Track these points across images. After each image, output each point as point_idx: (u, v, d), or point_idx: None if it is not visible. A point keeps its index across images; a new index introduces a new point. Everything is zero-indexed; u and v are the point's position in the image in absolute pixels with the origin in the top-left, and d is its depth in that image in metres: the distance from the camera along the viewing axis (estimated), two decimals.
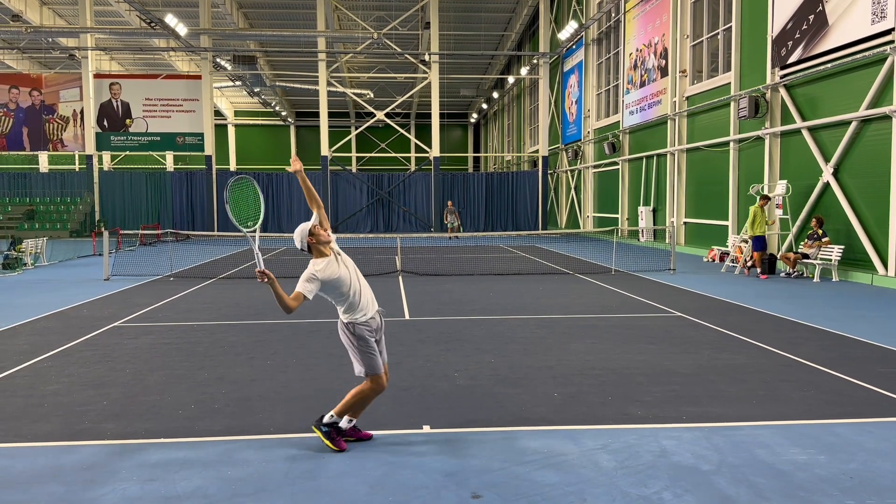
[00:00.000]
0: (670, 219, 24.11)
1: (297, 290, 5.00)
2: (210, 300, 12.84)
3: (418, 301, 12.61)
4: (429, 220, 36.68)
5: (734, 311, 11.35)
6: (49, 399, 6.47)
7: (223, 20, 37.69)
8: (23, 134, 35.36)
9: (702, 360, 7.89)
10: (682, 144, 23.44)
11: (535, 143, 41.89)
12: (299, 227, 5.18)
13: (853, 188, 15.30)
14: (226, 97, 57.79)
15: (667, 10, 24.01)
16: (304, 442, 5.32)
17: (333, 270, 5.11)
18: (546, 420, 5.82)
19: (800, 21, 16.65)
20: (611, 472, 4.71)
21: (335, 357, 8.10)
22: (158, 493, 4.41)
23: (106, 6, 35.36)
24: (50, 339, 9.26)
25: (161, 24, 28.52)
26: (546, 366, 7.67)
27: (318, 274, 5.05)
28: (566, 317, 10.89)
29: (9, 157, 45.01)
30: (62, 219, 34.55)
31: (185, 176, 36.72)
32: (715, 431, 5.51)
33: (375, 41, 32.77)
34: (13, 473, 4.73)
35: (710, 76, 22.19)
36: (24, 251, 18.70)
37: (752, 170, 19.27)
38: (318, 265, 5.07)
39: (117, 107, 35.29)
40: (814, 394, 6.55)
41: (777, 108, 18.09)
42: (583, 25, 30.88)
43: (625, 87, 28.28)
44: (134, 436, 5.47)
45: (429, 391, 6.70)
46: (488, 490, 4.43)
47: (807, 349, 8.42)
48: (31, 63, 44.34)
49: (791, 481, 4.55)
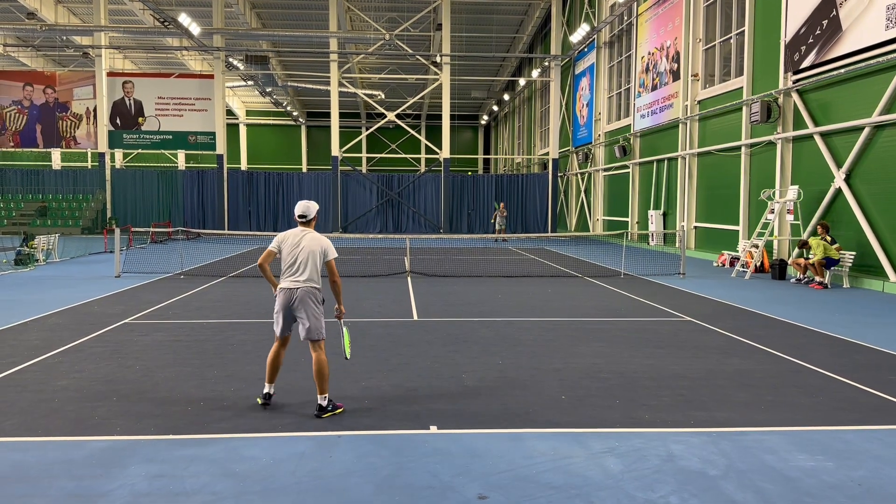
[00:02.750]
0: (680, 223, 24.04)
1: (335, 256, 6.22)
2: (220, 298, 12.90)
3: (427, 302, 12.63)
4: (438, 221, 36.70)
5: (744, 315, 11.31)
6: (60, 394, 6.53)
7: (236, 20, 37.86)
8: (36, 131, 35.64)
9: (710, 365, 7.87)
10: (694, 148, 23.36)
11: (545, 146, 41.85)
12: (315, 203, 6.33)
13: (865, 195, 15.21)
14: (238, 97, 58.02)
15: (679, 14, 23.95)
16: (312, 440, 5.34)
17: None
18: (553, 422, 5.82)
19: (813, 26, 16.58)
20: (617, 475, 4.70)
21: (343, 357, 8.11)
22: (167, 489, 4.44)
23: (120, 5, 35.60)
24: (61, 334, 9.33)
25: (174, 24, 28.67)
26: (554, 368, 7.67)
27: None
28: (574, 320, 10.88)
29: (22, 154, 45.37)
30: (74, 216, 34.78)
31: (196, 174, 36.91)
32: (723, 436, 5.49)
33: (387, 42, 32.82)
34: (24, 467, 4.78)
35: (722, 80, 22.12)
36: (36, 247, 18.84)
37: (763, 175, 19.19)
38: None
39: (130, 105, 35.51)
40: (823, 400, 6.53)
41: (789, 112, 18.01)
42: (595, 28, 30.83)
43: (636, 91, 28.22)
44: (143, 432, 5.51)
45: (436, 392, 6.71)
46: (494, 491, 4.43)
47: (816, 355, 8.38)
48: (46, 61, 44.69)
49: (798, 487, 4.53)
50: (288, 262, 6.12)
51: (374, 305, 12.15)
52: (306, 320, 6.05)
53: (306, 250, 6.08)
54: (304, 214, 6.21)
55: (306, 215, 6.22)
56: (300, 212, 6.21)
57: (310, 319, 6.05)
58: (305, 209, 6.21)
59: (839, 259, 15.11)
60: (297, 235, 6.17)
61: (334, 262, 6.20)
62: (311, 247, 6.10)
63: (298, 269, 6.09)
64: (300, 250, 6.09)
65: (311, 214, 6.24)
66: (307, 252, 6.08)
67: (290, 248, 6.13)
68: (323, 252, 6.11)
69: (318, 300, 6.12)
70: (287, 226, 36.43)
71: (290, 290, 6.07)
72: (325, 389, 6.01)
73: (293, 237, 6.17)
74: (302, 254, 6.08)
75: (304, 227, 6.23)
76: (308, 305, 6.04)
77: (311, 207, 6.25)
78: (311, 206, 6.25)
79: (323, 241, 6.15)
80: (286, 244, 6.16)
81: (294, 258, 6.09)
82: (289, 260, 6.12)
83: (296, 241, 6.14)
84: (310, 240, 6.13)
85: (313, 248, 6.09)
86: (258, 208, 36.91)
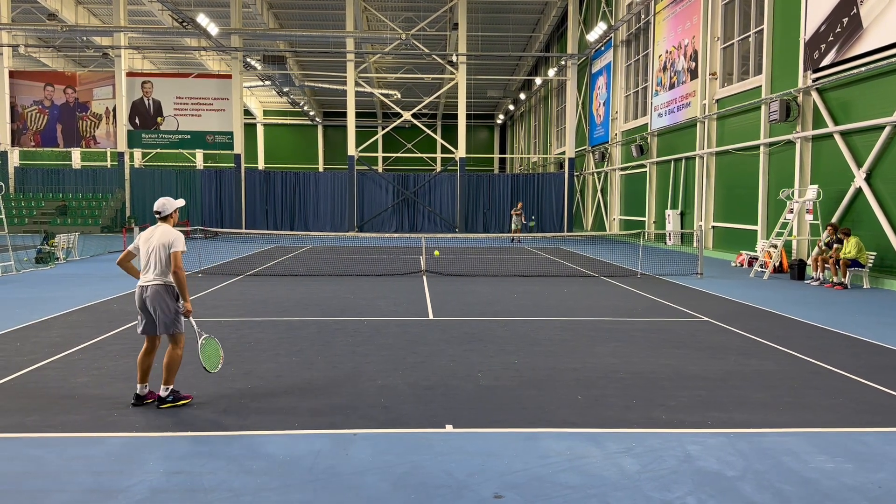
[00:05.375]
0: (698, 222, 23.88)
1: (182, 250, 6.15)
2: (237, 297, 12.98)
3: (442, 301, 12.64)
4: (453, 220, 36.70)
5: (762, 316, 11.21)
6: (79, 391, 6.60)
7: (254, 20, 38.07)
8: (57, 131, 36.04)
9: (728, 366, 7.81)
10: (712, 147, 23.19)
11: (561, 145, 41.70)
12: (174, 200, 6.34)
13: (886, 194, 15.02)
14: (255, 97, 58.36)
15: (697, 12, 23.78)
16: (328, 438, 5.36)
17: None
18: (569, 422, 5.81)
19: (833, 24, 16.40)
20: (634, 475, 4.68)
21: (359, 354, 8.16)
22: (185, 485, 4.48)
23: (139, 5, 35.92)
24: (81, 332, 9.43)
25: (193, 24, 28.89)
26: (570, 368, 7.64)
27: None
28: (591, 319, 10.83)
29: (43, 154, 45.89)
30: (94, 214, 35.14)
31: (214, 174, 37.17)
32: (741, 437, 5.45)
33: (403, 42, 32.86)
34: (44, 463, 4.84)
35: (740, 79, 21.94)
36: (56, 246, 19.06)
37: (782, 174, 19.02)
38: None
39: (149, 105, 35.82)
40: (842, 402, 6.46)
41: (809, 111, 17.83)
42: (612, 27, 30.68)
43: (653, 90, 28.05)
44: (161, 429, 5.56)
45: (452, 391, 6.71)
46: (510, 491, 4.43)
47: (836, 356, 8.29)
48: (66, 61, 45.20)
49: (817, 489, 4.49)
50: (142, 260, 6.19)
51: (389, 304, 12.17)
52: (159, 316, 6.11)
53: (155, 246, 6.11)
54: (160, 210, 6.25)
55: (160, 211, 6.25)
56: (156, 208, 6.26)
57: (159, 315, 6.09)
58: (161, 206, 6.26)
59: (864, 262, 14.90)
60: (150, 232, 6.22)
61: (180, 255, 6.10)
62: (160, 241, 6.11)
63: (148, 266, 6.13)
64: (149, 246, 6.14)
65: (168, 211, 6.26)
66: (155, 247, 6.10)
67: (143, 246, 6.19)
68: (169, 244, 6.10)
69: (171, 295, 6.13)
70: (304, 226, 36.64)
71: (140, 288, 6.15)
72: (169, 380, 6.11)
73: (146, 234, 6.23)
74: (151, 250, 6.12)
75: (162, 222, 6.27)
76: (157, 302, 6.07)
77: (167, 204, 6.28)
78: (167, 203, 6.28)
79: (170, 235, 6.13)
80: (141, 242, 6.23)
81: (147, 256, 6.15)
82: (143, 258, 6.19)
83: (148, 237, 6.20)
84: (159, 234, 6.14)
85: (162, 241, 6.10)
86: (275, 207, 37.09)
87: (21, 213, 34.65)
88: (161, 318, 6.10)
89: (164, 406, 6.05)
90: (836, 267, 14.90)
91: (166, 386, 6.11)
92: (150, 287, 6.09)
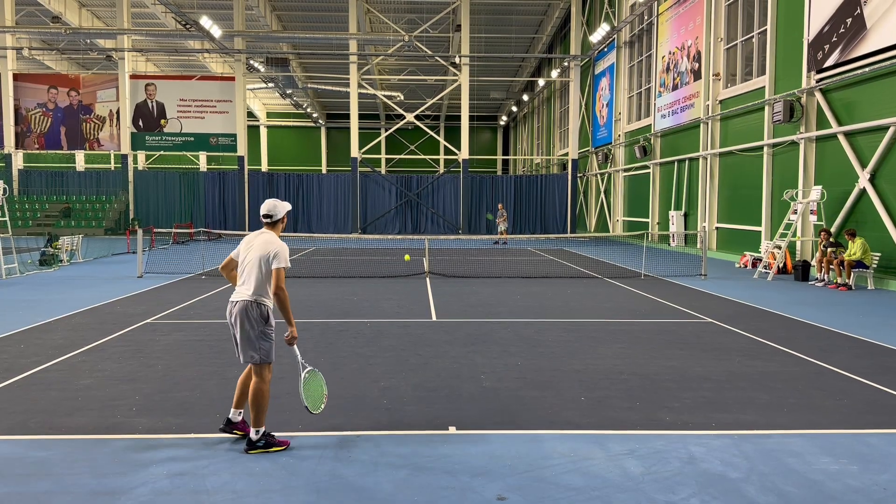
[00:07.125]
0: (702, 223, 23.84)
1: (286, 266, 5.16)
2: None
3: (446, 303, 12.63)
4: (457, 222, 36.70)
5: (766, 317, 11.19)
6: (83, 393, 6.60)
7: (257, 22, 38.15)
8: (60, 133, 36.15)
9: (732, 367, 7.79)
10: (715, 148, 23.16)
11: (564, 146, 41.69)
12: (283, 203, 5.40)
13: (891, 195, 14.98)
14: (258, 98, 58.45)
15: (700, 13, 23.76)
16: (332, 440, 5.36)
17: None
18: (573, 424, 5.79)
19: (837, 24, 16.37)
20: (637, 477, 4.67)
21: (362, 356, 8.16)
22: (188, 486, 4.48)
23: (143, 8, 36.02)
24: (84, 334, 9.45)
25: (196, 26, 28.95)
26: (573, 370, 7.63)
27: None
28: (594, 321, 10.82)
29: (47, 156, 46.06)
30: (97, 217, 35.22)
31: (217, 176, 37.25)
32: (745, 439, 5.43)
33: (406, 44, 32.90)
34: (48, 465, 4.84)
35: (744, 80, 21.91)
36: (60, 248, 19.10)
37: (786, 175, 18.98)
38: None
39: (152, 107, 35.91)
40: (847, 403, 6.43)
41: (812, 112, 17.79)
42: (615, 28, 30.68)
43: (657, 91, 28.03)
44: (165, 430, 5.56)
45: (455, 392, 6.70)
46: (513, 492, 4.42)
47: (840, 357, 8.27)
48: (70, 64, 45.34)
49: (822, 491, 4.47)
50: (238, 270, 5.31)
51: (392, 306, 12.17)
52: (239, 339, 5.19)
53: (252, 258, 5.18)
54: (270, 214, 5.31)
55: (272, 215, 5.31)
56: (265, 211, 5.32)
57: (239, 338, 5.17)
58: (271, 208, 5.32)
59: (869, 263, 14.86)
60: (251, 239, 5.30)
61: (283, 273, 5.12)
62: (259, 252, 5.14)
63: (243, 279, 5.23)
64: (247, 256, 5.24)
65: (279, 214, 5.34)
66: (252, 259, 5.18)
67: (242, 254, 5.30)
68: (268, 258, 5.11)
69: (259, 316, 5.16)
70: (307, 228, 36.67)
71: (230, 304, 5.26)
72: (259, 422, 5.11)
73: (247, 240, 5.33)
74: (248, 261, 5.22)
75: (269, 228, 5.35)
76: (243, 322, 5.13)
77: (278, 206, 5.35)
78: (278, 205, 5.35)
79: (272, 246, 5.13)
80: (242, 248, 5.33)
81: (243, 266, 5.26)
82: (239, 268, 5.31)
83: (248, 245, 5.28)
84: (260, 244, 5.18)
85: (261, 254, 5.13)
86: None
87: (25, 216, 34.75)
88: (241, 342, 5.15)
89: (252, 451, 5.05)
90: (839, 268, 14.87)
91: (256, 429, 5.08)
92: (238, 303, 5.15)
